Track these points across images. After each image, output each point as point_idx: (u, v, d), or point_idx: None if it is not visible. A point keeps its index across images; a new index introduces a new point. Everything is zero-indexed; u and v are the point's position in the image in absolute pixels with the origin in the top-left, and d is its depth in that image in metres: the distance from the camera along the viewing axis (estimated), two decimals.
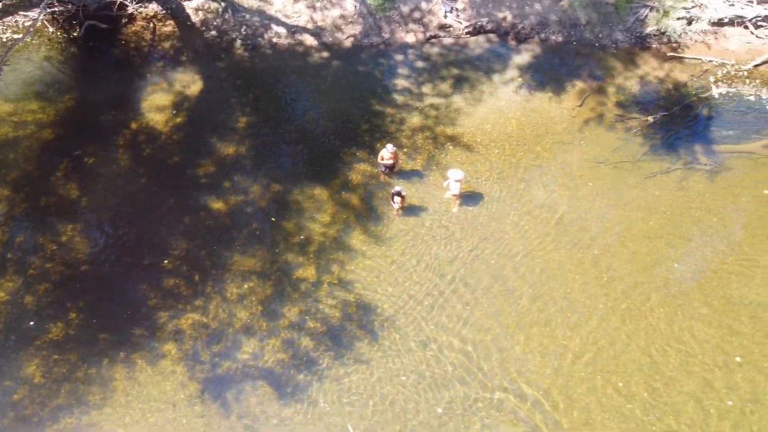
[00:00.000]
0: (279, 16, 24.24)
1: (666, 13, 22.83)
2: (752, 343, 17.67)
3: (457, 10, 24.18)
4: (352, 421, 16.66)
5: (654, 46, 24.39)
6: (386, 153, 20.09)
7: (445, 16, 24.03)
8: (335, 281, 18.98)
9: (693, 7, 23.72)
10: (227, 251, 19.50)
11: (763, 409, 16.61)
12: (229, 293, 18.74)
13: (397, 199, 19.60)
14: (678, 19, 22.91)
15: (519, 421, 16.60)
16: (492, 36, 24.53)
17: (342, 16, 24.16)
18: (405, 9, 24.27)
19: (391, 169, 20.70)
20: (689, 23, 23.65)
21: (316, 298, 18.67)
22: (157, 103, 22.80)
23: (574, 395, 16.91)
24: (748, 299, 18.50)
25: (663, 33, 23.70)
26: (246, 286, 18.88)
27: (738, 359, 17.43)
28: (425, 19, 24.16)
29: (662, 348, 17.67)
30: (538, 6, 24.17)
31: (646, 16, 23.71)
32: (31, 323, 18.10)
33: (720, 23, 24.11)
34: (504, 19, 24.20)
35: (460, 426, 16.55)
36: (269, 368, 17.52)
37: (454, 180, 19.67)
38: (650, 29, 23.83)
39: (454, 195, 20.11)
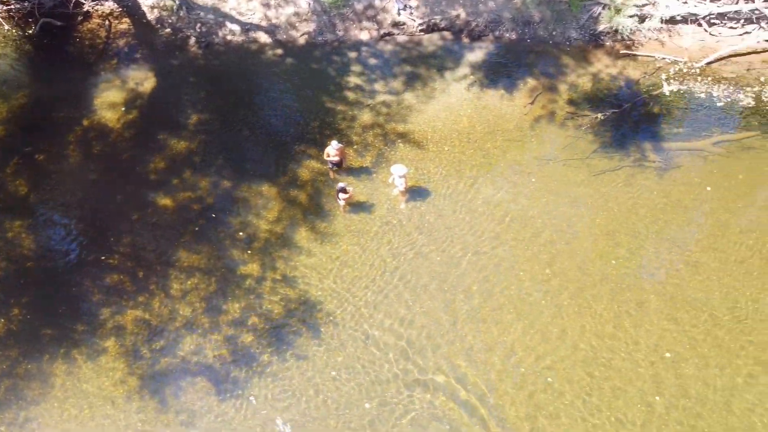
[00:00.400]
0: (233, 13, 24.28)
1: (618, 11, 22.89)
2: (691, 340, 17.75)
3: (410, 7, 24.23)
4: (288, 416, 16.67)
5: (608, 43, 24.48)
6: (332, 149, 20.16)
7: (399, 14, 24.09)
8: (279, 277, 19.03)
9: (646, 4, 23.78)
10: (173, 248, 19.55)
11: (693, 404, 16.68)
12: (172, 289, 18.79)
13: (342, 195, 19.65)
14: (630, 16, 22.93)
15: (454, 416, 16.65)
16: (446, 33, 24.60)
17: (296, 14, 24.22)
18: (359, 6, 24.33)
19: (338, 166, 20.75)
20: (642, 21, 23.68)
21: (258, 294, 18.72)
22: (109, 100, 22.86)
23: (512, 391, 16.98)
24: (690, 296, 18.58)
25: (616, 31, 23.74)
26: (189, 282, 18.94)
27: (667, 354, 17.48)
28: (379, 17, 24.22)
29: (602, 344, 17.75)
30: (491, 3, 24.24)
31: (599, 13, 23.75)
32: None
33: (674, 21, 24.16)
34: (458, 16, 24.27)
35: (395, 420, 16.61)
36: (209, 364, 17.57)
37: (398, 176, 19.74)
38: (603, 27, 23.89)
39: (400, 191, 20.18)
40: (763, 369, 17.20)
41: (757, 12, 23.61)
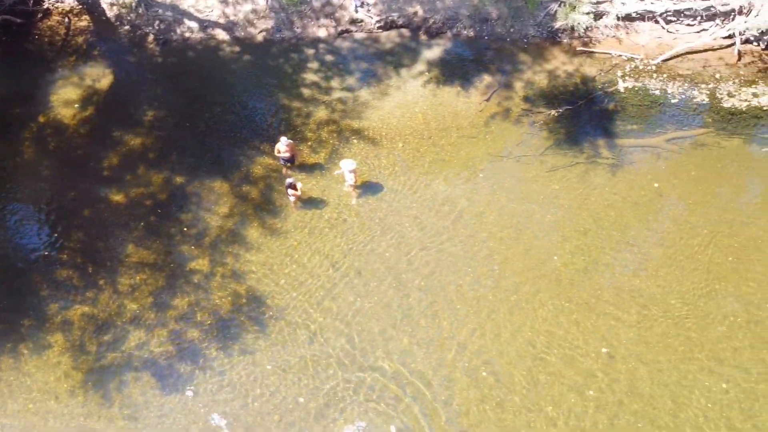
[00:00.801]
0: (191, 11, 24.34)
1: (573, 8, 22.97)
2: (635, 335, 17.84)
3: (368, 5, 24.30)
4: (231, 410, 16.73)
5: (565, 41, 24.57)
6: (282, 146, 20.23)
7: (356, 11, 24.16)
8: (228, 273, 19.10)
9: (602, 2, 23.86)
10: (123, 243, 19.61)
11: (632, 399, 16.79)
12: (121, 285, 18.85)
13: (291, 191, 19.72)
14: (585, 13, 22.99)
15: (399, 410, 16.73)
16: (404, 31, 24.68)
17: (254, 11, 24.29)
18: (317, 4, 24.39)
19: (291, 162, 20.83)
20: (597, 18, 23.75)
21: (207, 289, 18.78)
22: (66, 97, 22.93)
23: (457, 386, 17.06)
24: (639, 291, 18.66)
25: (573, 28, 23.82)
26: (138, 277, 19.00)
27: (604, 350, 17.56)
28: (337, 14, 24.29)
29: (547, 338, 17.84)
30: (449, 1, 24.31)
31: (556, 11, 23.83)
32: None
33: (630, 18, 24.25)
34: (415, 14, 24.34)
35: (339, 415, 16.70)
36: (154, 359, 17.63)
37: (347, 171, 19.82)
38: (560, 24, 23.96)
39: (350, 186, 20.25)
40: (705, 364, 17.30)
41: (712, 9, 23.66)
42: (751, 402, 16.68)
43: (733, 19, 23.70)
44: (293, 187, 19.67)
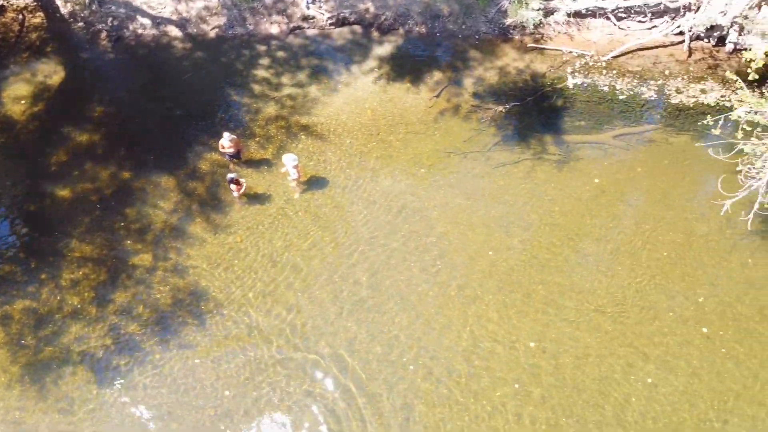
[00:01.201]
0: (144, 7, 24.42)
1: (522, 4, 23.06)
2: (574, 330, 17.95)
3: (319, 1, 24.40)
4: (166, 404, 16.83)
5: (516, 37, 24.67)
6: (225, 141, 20.32)
7: (308, 8, 24.24)
8: (170, 268, 19.19)
9: None
10: (67, 238, 19.70)
11: (570, 392, 16.92)
12: (63, 279, 18.94)
13: (233, 186, 19.81)
14: (535, 10, 23.10)
15: (332, 403, 16.86)
16: (356, 27, 24.77)
17: (206, 8, 24.36)
18: (269, 0, 24.47)
19: (237, 157, 20.93)
20: (548, 15, 23.86)
21: (148, 284, 18.87)
22: (16, 94, 23.00)
23: (391, 379, 17.18)
24: (578, 287, 18.79)
25: (524, 25, 23.91)
26: (81, 272, 19.09)
27: (547, 345, 17.71)
28: (289, 11, 24.38)
29: (485, 334, 17.93)
30: None
31: (507, 7, 23.92)
32: None
33: (582, 15, 24.36)
34: (367, 10, 24.44)
35: (275, 409, 16.81)
36: (92, 353, 17.72)
37: (290, 166, 19.91)
38: (511, 21, 24.04)
39: (294, 180, 20.36)
40: (635, 359, 17.44)
41: (662, 6, 23.78)
42: (678, 396, 16.83)
43: (682, 16, 23.79)
44: (235, 182, 19.77)
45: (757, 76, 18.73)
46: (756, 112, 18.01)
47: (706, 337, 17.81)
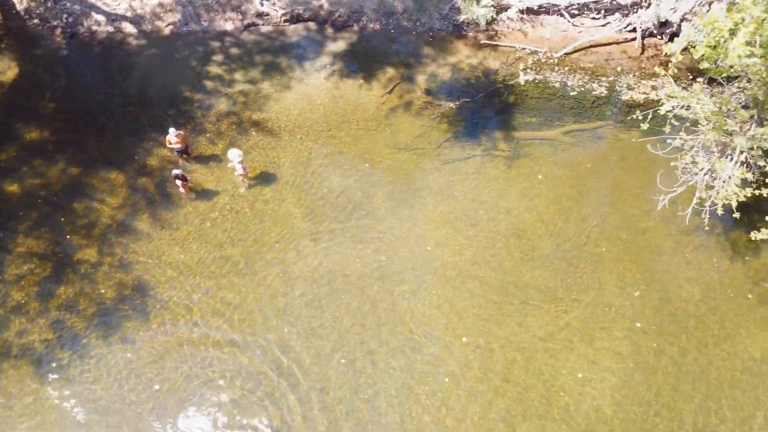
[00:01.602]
0: (99, 4, 24.48)
1: (473, 1, 23.13)
2: (517, 325, 18.14)
3: None
4: (105, 397, 16.93)
5: (470, 34, 24.76)
6: (171, 137, 20.40)
7: (261, 4, 24.30)
8: (116, 263, 19.29)
9: None
10: (13, 233, 19.78)
11: (500, 383, 17.06)
12: (7, 274, 19.03)
13: (179, 182, 19.90)
14: (486, 6, 23.18)
15: (275, 398, 17.03)
16: (310, 24, 24.85)
17: (161, 5, 24.41)
18: None
19: (186, 153, 21.00)
20: (500, 11, 23.94)
21: (93, 279, 18.97)
22: None
23: (331, 374, 17.38)
24: (524, 282, 18.93)
25: (476, 21, 23.99)
26: (26, 267, 19.17)
27: (465, 339, 17.81)
28: (243, 7, 24.45)
29: (422, 328, 18.12)
30: None
31: (460, 4, 23.99)
32: None
33: (535, 12, 24.45)
34: (321, 7, 24.51)
35: (212, 403, 16.98)
36: (33, 347, 17.83)
37: (236, 161, 20.00)
38: (464, 17, 24.12)
39: (240, 175, 20.45)
40: (582, 353, 17.66)
41: (615, 2, 23.88)
42: (624, 391, 17.08)
43: (634, 12, 23.90)
44: (181, 178, 19.86)
45: (676, 70, 18.54)
46: (686, 107, 18.10)
47: (641, 332, 17.96)
